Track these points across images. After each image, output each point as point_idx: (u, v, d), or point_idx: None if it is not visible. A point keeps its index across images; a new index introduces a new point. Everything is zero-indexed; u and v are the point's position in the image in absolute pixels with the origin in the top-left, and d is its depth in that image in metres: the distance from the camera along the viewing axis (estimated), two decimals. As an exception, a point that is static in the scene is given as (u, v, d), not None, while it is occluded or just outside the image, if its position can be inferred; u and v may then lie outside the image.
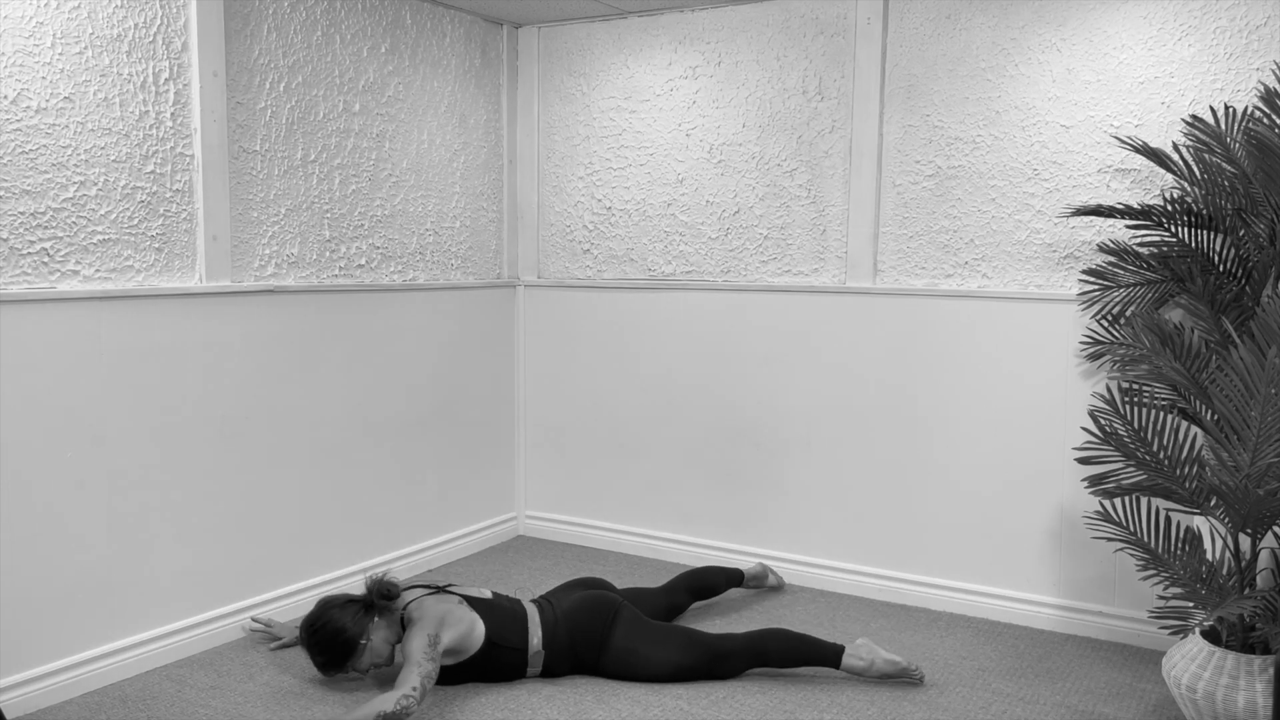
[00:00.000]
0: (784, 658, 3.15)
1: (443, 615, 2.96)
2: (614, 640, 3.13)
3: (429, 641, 2.84)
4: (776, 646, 3.15)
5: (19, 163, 2.83)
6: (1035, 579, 3.67)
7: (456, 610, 3.01)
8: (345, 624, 2.96)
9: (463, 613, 3.01)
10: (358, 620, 2.97)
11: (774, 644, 3.16)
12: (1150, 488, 2.85)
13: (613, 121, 4.40)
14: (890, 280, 3.88)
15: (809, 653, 3.15)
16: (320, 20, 3.66)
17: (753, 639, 3.17)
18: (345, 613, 2.98)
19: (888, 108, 3.83)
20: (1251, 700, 2.61)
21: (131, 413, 3.12)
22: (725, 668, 3.14)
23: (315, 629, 2.98)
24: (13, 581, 2.85)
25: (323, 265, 3.74)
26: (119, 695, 3.01)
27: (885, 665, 3.13)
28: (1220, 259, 3.10)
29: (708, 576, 3.72)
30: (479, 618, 3.04)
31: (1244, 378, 2.52)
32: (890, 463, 3.90)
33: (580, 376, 4.55)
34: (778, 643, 3.16)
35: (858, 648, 3.16)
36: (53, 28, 2.88)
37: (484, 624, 3.04)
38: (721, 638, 3.18)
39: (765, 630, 3.23)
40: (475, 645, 3.02)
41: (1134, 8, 3.40)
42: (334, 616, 2.97)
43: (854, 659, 3.14)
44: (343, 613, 2.98)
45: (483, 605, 3.09)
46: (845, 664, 3.13)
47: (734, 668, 3.15)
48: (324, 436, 3.74)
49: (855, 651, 3.15)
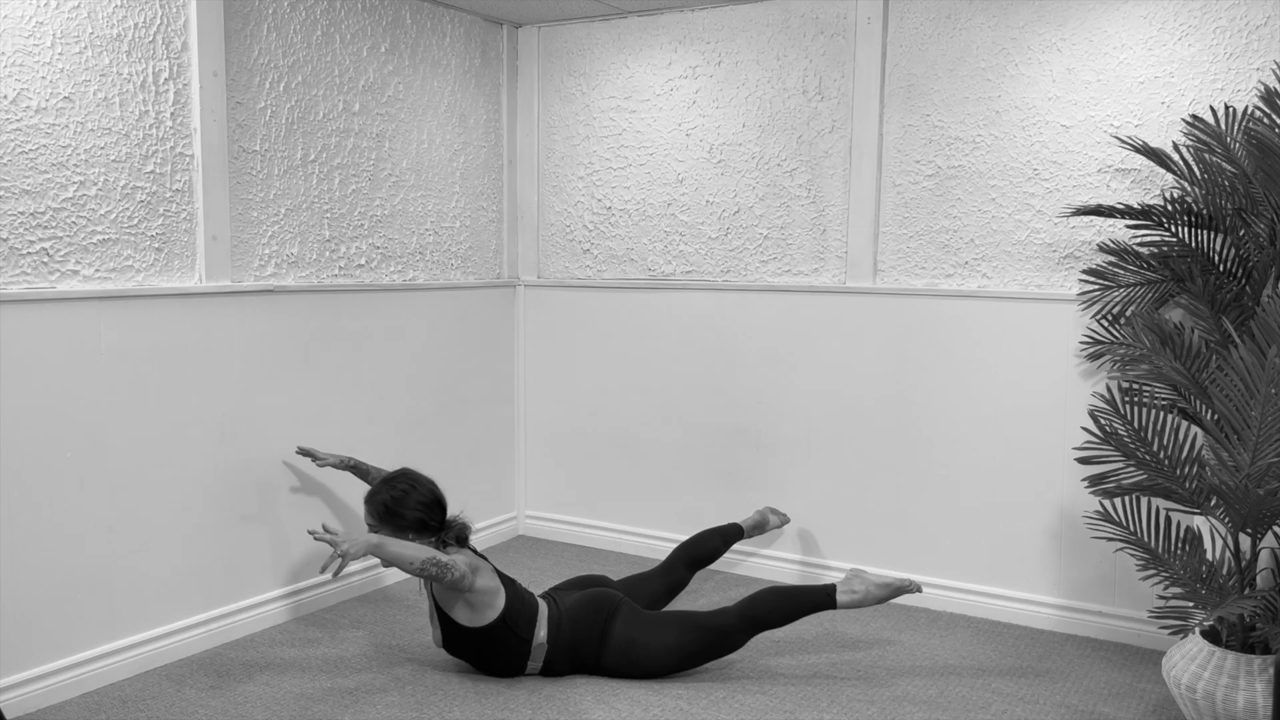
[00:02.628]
0: (781, 616, 3.17)
1: (478, 566, 3.06)
2: (613, 634, 3.14)
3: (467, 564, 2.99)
4: (771, 608, 3.16)
5: (19, 162, 2.83)
6: (1035, 579, 3.67)
7: (488, 569, 3.11)
8: (412, 510, 3.08)
9: (492, 574, 3.10)
10: (422, 521, 3.10)
11: (767, 606, 3.16)
12: (1150, 488, 2.85)
13: (613, 121, 4.40)
14: (890, 280, 3.88)
15: (803, 604, 3.17)
16: (320, 20, 3.66)
17: (744, 607, 3.17)
18: (423, 506, 3.11)
19: (888, 108, 3.83)
20: (1251, 700, 2.61)
21: (131, 412, 3.12)
22: (727, 642, 3.15)
23: (396, 483, 3.14)
24: (13, 581, 2.85)
25: (323, 265, 3.74)
26: (119, 695, 3.01)
27: (880, 590, 3.17)
28: (1220, 259, 3.10)
29: (704, 543, 3.69)
30: (503, 590, 3.09)
31: (1244, 377, 2.52)
32: (890, 462, 3.90)
33: (580, 376, 4.55)
34: (771, 603, 3.17)
35: (848, 581, 3.19)
36: (53, 28, 2.88)
37: (505, 597, 3.08)
38: (716, 614, 3.19)
39: (755, 594, 3.22)
40: (493, 613, 3.05)
41: (1134, 8, 3.40)
42: (413, 498, 3.10)
43: (848, 594, 3.16)
44: (422, 504, 3.11)
45: (508, 581, 3.15)
46: (841, 601, 3.15)
47: (735, 641, 3.16)
48: (324, 436, 3.74)
49: (847, 586, 3.18)
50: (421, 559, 2.85)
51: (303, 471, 3.67)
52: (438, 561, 2.87)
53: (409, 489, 3.12)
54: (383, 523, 3.08)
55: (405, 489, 3.11)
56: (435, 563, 2.86)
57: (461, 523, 3.19)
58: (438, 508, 3.14)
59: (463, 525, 3.19)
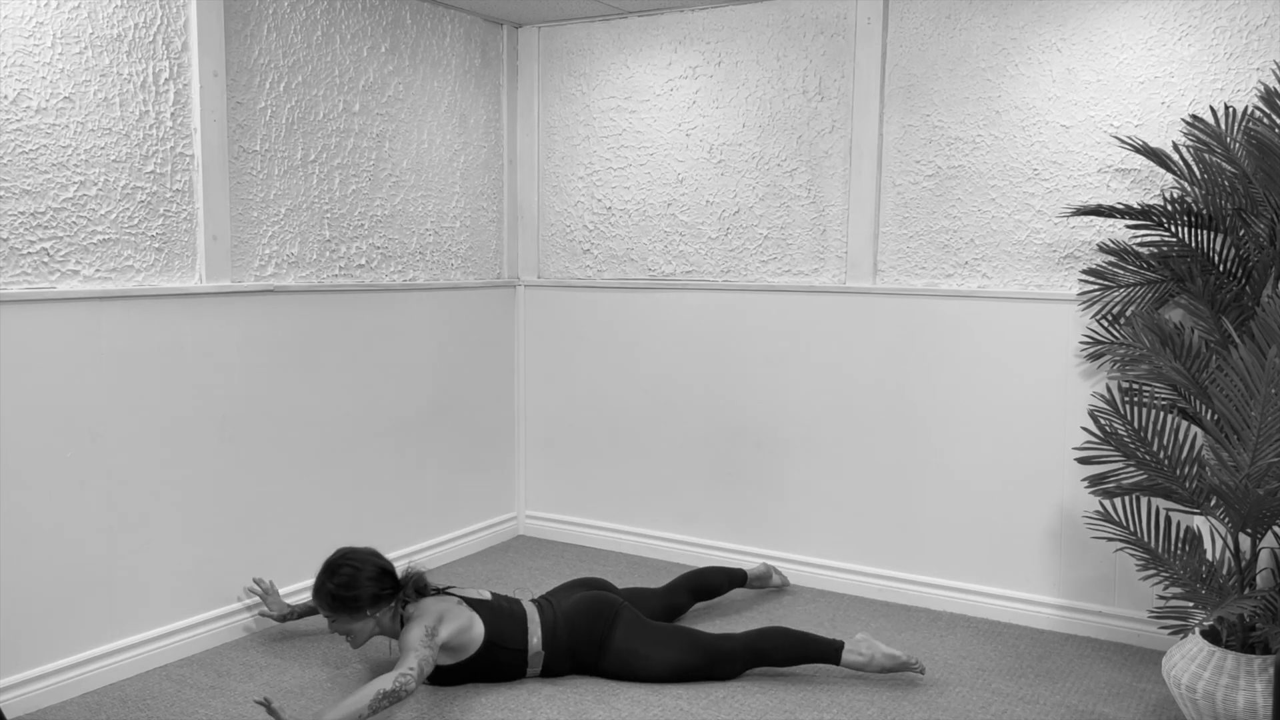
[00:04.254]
0: (784, 656, 3.16)
1: (441, 612, 2.98)
2: (614, 641, 3.13)
3: (426, 632, 2.87)
4: (776, 645, 3.16)
5: (19, 163, 2.83)
6: (1035, 579, 3.67)
7: (455, 609, 3.02)
8: (365, 589, 2.96)
9: (460, 611, 3.03)
10: (377, 596, 2.98)
11: (773, 643, 3.16)
12: (1150, 488, 2.85)
13: (613, 121, 4.40)
14: (890, 280, 3.88)
15: (809, 650, 3.15)
16: (320, 20, 3.66)
17: (752, 639, 3.17)
18: (373, 582, 2.98)
19: (888, 108, 3.83)
20: (1251, 700, 2.61)
21: (131, 412, 3.12)
22: (725, 669, 3.14)
23: (339, 569, 2.98)
24: (13, 581, 2.86)
25: (323, 265, 3.74)
26: (119, 695, 3.01)
27: (885, 660, 3.13)
28: (1220, 259, 3.10)
29: (709, 577, 3.71)
30: (478, 617, 3.05)
31: (1244, 377, 2.52)
32: (890, 462, 3.90)
33: (580, 376, 4.55)
34: (777, 641, 3.16)
35: (857, 643, 3.17)
36: (53, 28, 2.89)
37: (483, 624, 3.04)
38: (721, 638, 3.18)
39: (764, 629, 3.23)
40: (474, 645, 3.02)
41: (1134, 8, 3.40)
42: (361, 577, 2.97)
43: (854, 654, 3.14)
44: (371, 580, 2.98)
45: (481, 606, 3.09)
46: (845, 660, 3.13)
47: (734, 669, 3.15)
48: (324, 436, 3.74)
49: (855, 647, 3.15)
50: (369, 703, 2.59)
51: (302, 471, 3.67)
52: (383, 694, 2.62)
53: (353, 571, 2.97)
54: (338, 612, 2.96)
55: (349, 573, 2.97)
56: (382, 696, 2.62)
57: (416, 574, 3.10)
58: (387, 577, 3.02)
59: (418, 576, 3.09)
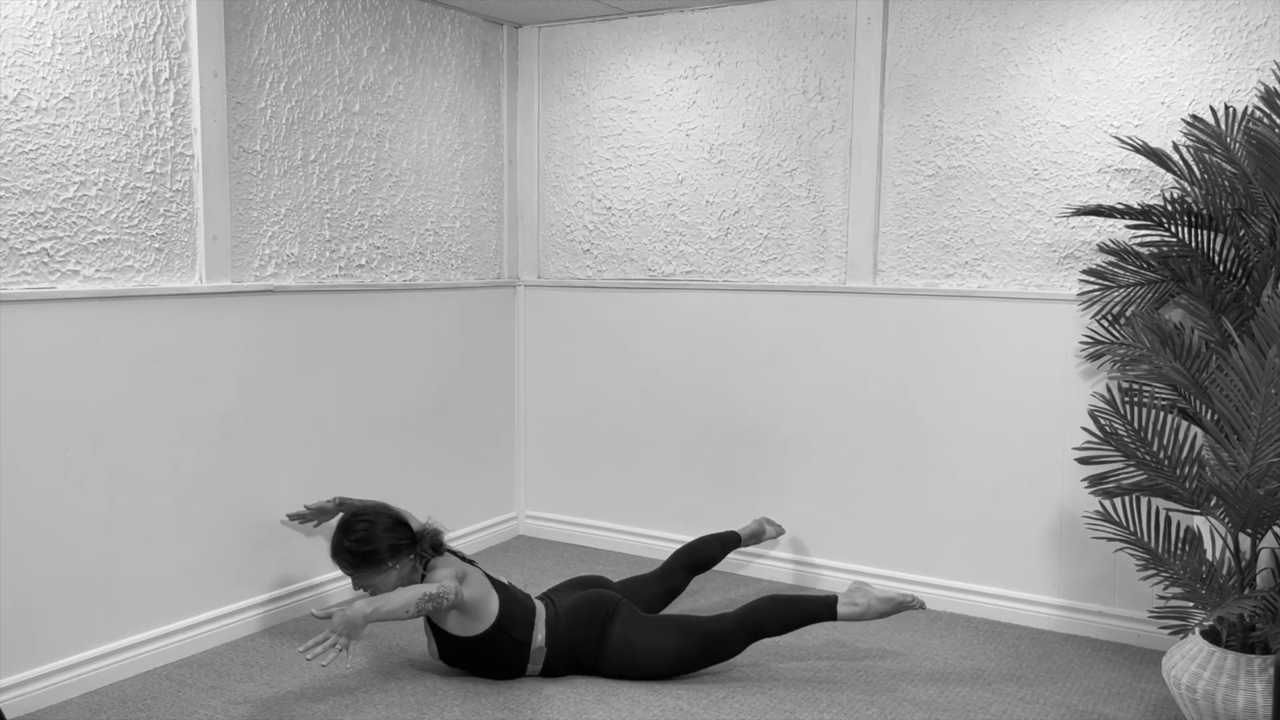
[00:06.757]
0: (780, 625, 3.15)
1: (465, 571, 3.05)
2: (612, 636, 3.14)
3: (454, 575, 3.00)
4: (770, 615, 3.14)
5: (19, 163, 2.83)
6: (1035, 579, 3.67)
7: (478, 574, 3.10)
8: (381, 541, 3.02)
9: (483, 580, 3.09)
10: (395, 546, 3.04)
11: (767, 613, 3.15)
12: (1150, 488, 2.85)
13: (613, 121, 4.40)
14: (890, 280, 3.88)
15: (803, 613, 3.15)
16: (320, 20, 3.66)
17: (744, 614, 3.16)
18: (389, 533, 3.05)
19: (888, 108, 3.83)
20: (1251, 700, 2.61)
21: (132, 412, 3.12)
22: (724, 649, 3.14)
23: (354, 527, 3.05)
24: (13, 581, 2.86)
25: (323, 265, 3.74)
26: (119, 695, 3.01)
27: (881, 604, 3.13)
28: (1220, 259, 3.10)
29: (702, 549, 3.68)
30: (495, 594, 3.08)
31: (1244, 378, 2.52)
32: (890, 462, 3.90)
33: (580, 376, 4.55)
34: (771, 611, 3.15)
35: (851, 594, 3.16)
36: (53, 28, 2.89)
37: (498, 601, 3.07)
38: (715, 619, 3.18)
39: (755, 601, 3.20)
40: (486, 620, 3.04)
41: (1134, 8, 3.40)
42: (377, 529, 3.04)
43: (849, 606, 3.13)
44: (387, 532, 3.05)
45: (500, 586, 3.13)
46: (841, 613, 3.12)
47: (732, 647, 3.15)
48: (324, 436, 3.74)
49: (849, 598, 3.14)
50: (415, 602, 2.85)
51: (302, 471, 3.67)
52: (429, 595, 2.87)
53: (368, 525, 3.04)
54: (359, 568, 3.02)
55: (365, 527, 3.04)
56: (428, 598, 2.87)
57: (433, 529, 3.16)
58: (402, 527, 3.09)
59: (435, 532, 3.16)
